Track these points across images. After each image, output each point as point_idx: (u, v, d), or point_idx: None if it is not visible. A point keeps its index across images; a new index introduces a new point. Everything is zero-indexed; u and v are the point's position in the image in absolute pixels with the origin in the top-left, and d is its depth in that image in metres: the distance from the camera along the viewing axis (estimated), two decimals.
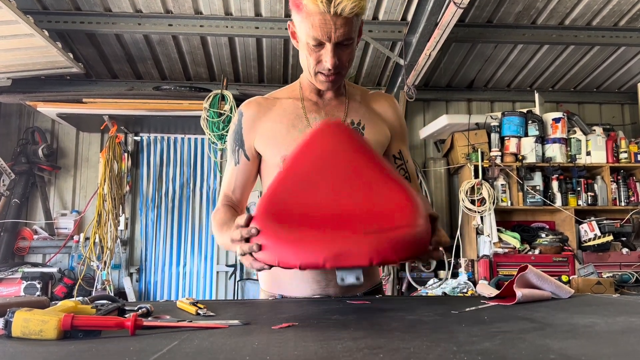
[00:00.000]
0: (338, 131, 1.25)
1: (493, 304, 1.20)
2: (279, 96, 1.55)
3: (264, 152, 1.50)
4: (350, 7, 1.25)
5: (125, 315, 1.13)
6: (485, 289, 1.48)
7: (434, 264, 4.63)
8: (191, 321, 0.98)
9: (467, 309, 1.09)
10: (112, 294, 4.37)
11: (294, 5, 1.32)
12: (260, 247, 1.05)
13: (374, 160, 1.21)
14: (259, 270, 1.08)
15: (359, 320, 0.97)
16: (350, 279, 0.98)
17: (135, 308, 1.20)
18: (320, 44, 1.32)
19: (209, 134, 4.24)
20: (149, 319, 1.08)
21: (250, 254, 1.06)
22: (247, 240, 1.07)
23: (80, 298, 1.22)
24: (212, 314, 1.11)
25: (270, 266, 1.05)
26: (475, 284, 4.32)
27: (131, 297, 4.61)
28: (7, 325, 0.88)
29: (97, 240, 4.33)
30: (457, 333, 0.86)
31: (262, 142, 1.49)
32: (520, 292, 1.20)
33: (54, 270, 4.40)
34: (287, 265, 1.00)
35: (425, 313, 1.06)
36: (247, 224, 1.08)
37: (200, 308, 1.17)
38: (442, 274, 4.61)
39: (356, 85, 1.63)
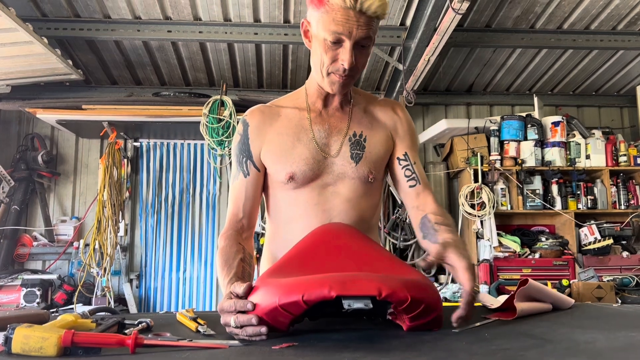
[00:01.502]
0: (339, 226, 1.34)
1: (494, 318, 1.19)
2: (282, 104, 1.52)
3: (269, 167, 1.46)
4: (376, 5, 1.24)
5: (126, 331, 1.14)
6: (487, 298, 1.48)
7: (434, 269, 4.62)
8: (191, 340, 0.98)
9: (468, 327, 1.08)
10: (112, 301, 4.37)
11: (317, 0, 1.29)
12: (254, 306, 1.00)
13: (376, 245, 1.25)
14: (251, 338, 1.01)
15: (359, 339, 0.97)
16: (358, 304, 0.92)
17: (136, 322, 1.20)
18: (338, 42, 1.29)
19: (209, 140, 4.24)
20: (149, 335, 1.07)
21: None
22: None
23: (81, 312, 1.21)
24: (212, 332, 1.11)
25: (266, 335, 0.99)
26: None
27: (131, 303, 4.60)
28: (7, 341, 0.89)
29: (96, 246, 4.32)
30: (457, 351, 0.86)
31: (268, 155, 1.46)
32: (520, 307, 1.20)
33: (53, 277, 4.39)
34: (289, 300, 0.94)
35: (425, 330, 1.06)
36: (245, 294, 1.04)
37: (200, 324, 1.17)
38: (442, 278, 4.60)
39: (362, 92, 1.59)
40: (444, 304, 3.64)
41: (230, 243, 1.38)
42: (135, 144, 4.99)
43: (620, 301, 3.85)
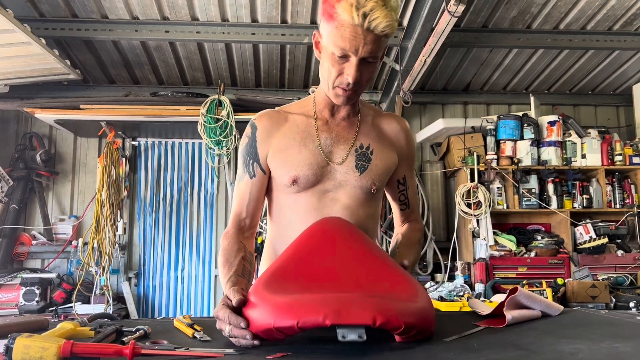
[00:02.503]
0: (337, 224, 1.33)
1: (484, 326, 1.22)
2: (290, 110, 1.56)
3: (274, 170, 1.50)
4: (384, 24, 1.26)
5: (124, 339, 1.16)
6: (478, 305, 1.51)
7: (430, 266, 4.66)
8: (188, 349, 1.01)
9: (459, 336, 1.11)
10: (110, 299, 4.40)
11: (326, 14, 1.32)
12: (248, 324, 1.03)
13: (373, 248, 1.26)
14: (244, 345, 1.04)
15: (352, 349, 0.99)
16: (352, 335, 0.94)
17: (133, 330, 1.22)
18: (345, 56, 1.32)
19: (206, 140, 4.26)
20: (147, 343, 1.10)
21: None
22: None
23: (80, 320, 1.24)
24: (208, 338, 1.14)
25: (257, 343, 1.02)
26: (471, 286, 4.35)
27: (130, 301, 4.63)
28: (8, 351, 0.91)
29: (95, 245, 4.34)
30: None
31: (274, 158, 1.50)
32: (510, 315, 1.23)
33: (52, 275, 4.41)
34: (284, 324, 0.96)
35: (419, 340, 1.08)
36: (239, 306, 1.08)
37: (197, 331, 1.20)
38: (438, 277, 4.64)
39: (369, 105, 1.64)
40: (439, 305, 3.66)
41: (232, 242, 1.44)
42: (133, 142, 5.01)
43: (614, 300, 3.88)
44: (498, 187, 4.61)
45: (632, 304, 3.59)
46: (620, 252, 4.58)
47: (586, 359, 0.87)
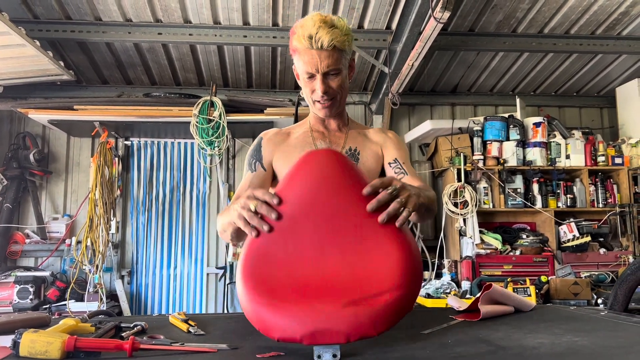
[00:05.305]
0: (328, 157, 1.19)
1: (461, 319, 1.31)
2: (291, 129, 1.83)
3: (279, 172, 1.71)
4: (327, 40, 1.50)
5: (122, 334, 1.24)
6: (455, 302, 1.60)
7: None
8: (183, 344, 1.09)
9: (436, 329, 1.20)
10: (104, 297, 4.46)
11: (290, 49, 1.59)
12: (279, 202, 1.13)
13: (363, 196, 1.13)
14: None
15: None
16: (326, 355, 0.99)
17: (131, 325, 1.30)
18: (312, 76, 1.57)
19: (199, 140, 4.32)
20: (144, 338, 1.18)
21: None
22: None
23: (81, 317, 1.32)
24: (202, 332, 1.22)
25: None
26: (458, 284, 4.45)
27: (123, 299, 4.69)
28: (15, 345, 1.00)
29: (88, 244, 4.40)
30: (418, 357, 0.97)
31: (279, 163, 1.72)
32: (484, 309, 1.33)
33: (46, 274, 4.45)
34: (267, 334, 1.03)
35: (399, 335, 1.17)
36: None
37: (191, 325, 1.28)
38: (426, 274, 4.73)
39: (360, 124, 1.87)
40: (425, 302, 3.74)
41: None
42: (126, 142, 5.06)
43: (595, 297, 4.00)
44: (484, 187, 4.71)
45: (600, 300, 3.71)
46: (602, 251, 4.71)
47: (547, 353, 0.96)
